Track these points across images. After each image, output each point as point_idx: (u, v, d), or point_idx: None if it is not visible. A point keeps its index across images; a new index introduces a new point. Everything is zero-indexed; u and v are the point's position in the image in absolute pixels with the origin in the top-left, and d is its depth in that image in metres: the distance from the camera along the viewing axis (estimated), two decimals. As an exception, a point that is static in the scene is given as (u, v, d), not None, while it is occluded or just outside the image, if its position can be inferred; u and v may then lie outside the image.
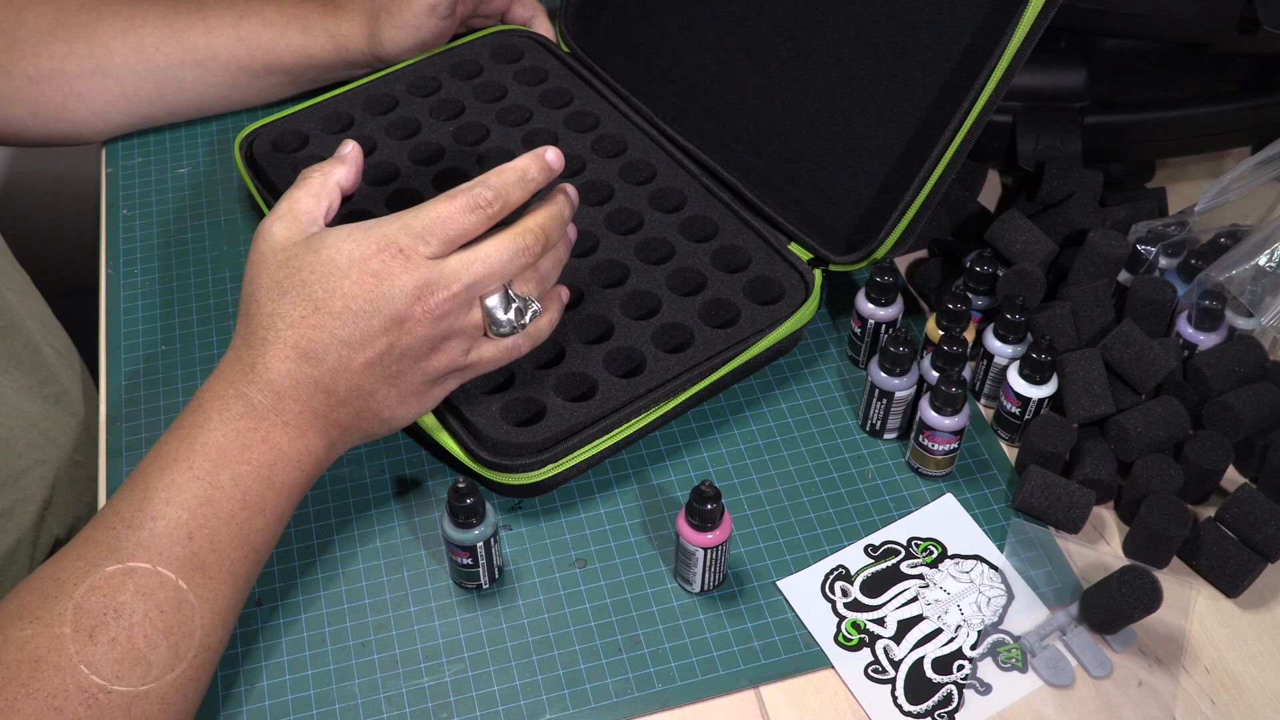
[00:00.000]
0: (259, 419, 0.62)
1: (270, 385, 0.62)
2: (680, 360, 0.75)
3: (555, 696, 0.66)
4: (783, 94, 0.86)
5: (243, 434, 0.61)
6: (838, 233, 0.82)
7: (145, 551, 0.58)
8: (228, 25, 0.89)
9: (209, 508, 0.59)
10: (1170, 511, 0.69)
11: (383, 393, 0.65)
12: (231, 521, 0.60)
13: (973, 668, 0.67)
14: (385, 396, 0.65)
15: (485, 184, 0.65)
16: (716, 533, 0.66)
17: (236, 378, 0.63)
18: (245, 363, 0.63)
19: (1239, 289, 0.76)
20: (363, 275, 0.63)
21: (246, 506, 0.60)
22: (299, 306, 0.63)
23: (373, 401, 0.65)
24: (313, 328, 0.62)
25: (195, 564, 0.58)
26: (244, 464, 0.61)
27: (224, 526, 0.60)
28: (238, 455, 0.61)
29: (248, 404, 0.62)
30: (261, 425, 0.62)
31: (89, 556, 0.58)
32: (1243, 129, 0.89)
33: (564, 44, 0.97)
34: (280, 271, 0.64)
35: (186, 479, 0.60)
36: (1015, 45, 0.71)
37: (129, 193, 0.92)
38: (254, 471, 0.61)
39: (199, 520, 0.59)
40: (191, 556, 0.58)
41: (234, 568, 0.60)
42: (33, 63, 0.88)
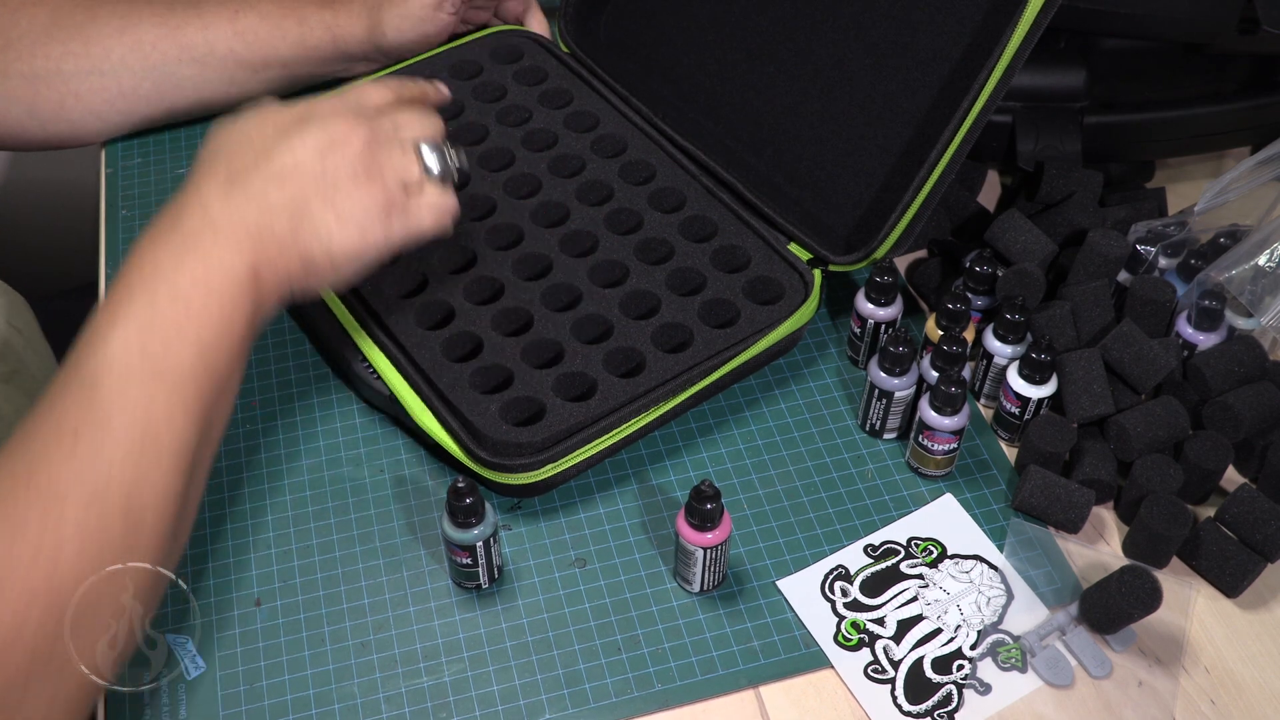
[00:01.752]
0: (189, 236, 0.64)
1: (202, 207, 0.65)
2: (680, 360, 0.75)
3: (555, 696, 0.66)
4: (782, 94, 0.86)
5: (174, 253, 0.63)
6: (837, 233, 0.82)
7: (106, 372, 0.59)
8: (224, 20, 0.89)
9: (154, 322, 0.61)
10: (1170, 511, 0.69)
11: (318, 209, 0.66)
12: (180, 331, 0.61)
13: (972, 668, 0.67)
14: (322, 215, 0.66)
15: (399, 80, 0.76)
16: (716, 533, 0.66)
17: (166, 217, 0.65)
18: (175, 205, 0.65)
19: (1239, 289, 0.76)
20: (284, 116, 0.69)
21: (191, 315, 0.61)
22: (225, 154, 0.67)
23: (309, 219, 0.66)
24: (241, 158, 0.66)
25: (154, 373, 0.60)
26: (180, 275, 0.62)
27: (174, 336, 0.61)
28: (172, 271, 0.62)
29: (179, 229, 0.64)
30: (190, 240, 0.63)
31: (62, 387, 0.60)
32: (1242, 129, 0.89)
33: (563, 44, 0.97)
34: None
35: (129, 298, 0.61)
36: (1015, 45, 0.71)
37: (128, 193, 0.92)
38: (191, 281, 0.62)
39: (147, 334, 0.60)
40: (148, 367, 0.60)
41: (195, 376, 0.61)
42: (29, 63, 0.88)
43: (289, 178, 0.66)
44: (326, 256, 0.67)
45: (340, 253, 0.67)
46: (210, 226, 0.64)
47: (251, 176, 0.66)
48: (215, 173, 0.66)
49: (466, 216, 0.83)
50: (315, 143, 0.67)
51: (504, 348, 0.75)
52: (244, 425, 0.77)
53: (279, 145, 0.67)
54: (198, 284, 0.62)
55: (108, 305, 0.62)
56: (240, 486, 0.75)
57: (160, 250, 0.63)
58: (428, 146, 0.72)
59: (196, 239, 0.63)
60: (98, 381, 0.59)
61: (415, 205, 0.70)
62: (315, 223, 0.66)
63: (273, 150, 0.67)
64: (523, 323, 0.78)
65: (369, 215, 0.68)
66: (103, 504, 0.57)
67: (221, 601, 0.69)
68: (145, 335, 0.60)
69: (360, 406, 0.79)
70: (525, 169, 0.87)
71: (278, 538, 0.72)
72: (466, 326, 0.77)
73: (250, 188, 0.65)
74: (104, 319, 0.61)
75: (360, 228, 0.68)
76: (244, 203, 0.65)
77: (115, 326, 0.61)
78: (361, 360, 0.76)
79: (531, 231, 0.83)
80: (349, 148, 0.68)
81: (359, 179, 0.67)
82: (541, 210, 0.84)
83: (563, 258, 0.81)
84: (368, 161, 0.68)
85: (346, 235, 0.67)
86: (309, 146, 0.67)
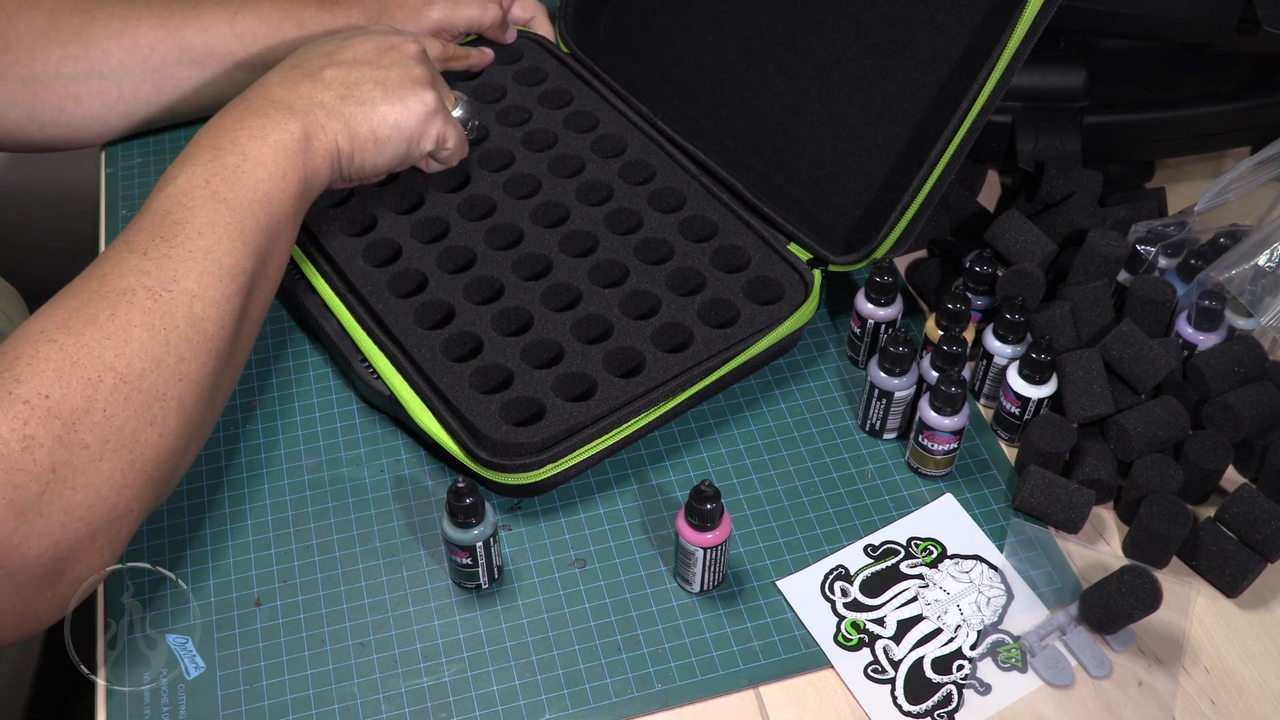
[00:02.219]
0: (250, 104, 0.73)
1: (264, 86, 0.75)
2: (680, 360, 0.75)
3: (555, 696, 0.66)
4: (782, 94, 0.86)
5: (236, 116, 0.72)
6: (837, 233, 0.82)
7: (173, 199, 0.67)
8: (223, 22, 0.89)
9: (216, 162, 0.69)
10: (1170, 511, 0.69)
11: (368, 87, 0.76)
12: (237, 170, 0.69)
13: (972, 668, 0.67)
14: (370, 91, 0.76)
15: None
16: (716, 533, 0.66)
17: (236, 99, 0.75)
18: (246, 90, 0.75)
19: (1239, 289, 0.76)
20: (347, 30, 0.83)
21: (247, 158, 0.69)
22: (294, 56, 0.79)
23: (358, 93, 0.75)
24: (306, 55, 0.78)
25: (217, 201, 0.67)
26: (240, 131, 0.71)
27: (234, 175, 0.69)
28: (233, 128, 0.71)
29: (242, 101, 0.74)
30: (251, 107, 0.73)
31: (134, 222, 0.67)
32: (1242, 129, 0.90)
33: (563, 44, 0.97)
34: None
35: (194, 151, 0.70)
36: (1014, 45, 0.71)
37: (128, 193, 0.92)
38: (248, 134, 0.71)
39: (210, 172, 0.68)
40: (213, 194, 0.67)
41: (253, 211, 0.68)
42: (27, 66, 0.87)
43: (345, 63, 0.77)
44: (369, 128, 0.75)
45: (382, 125, 0.76)
46: (268, 98, 0.73)
47: (312, 63, 0.77)
48: (282, 67, 0.77)
49: (467, 216, 0.83)
50: (374, 44, 0.79)
51: (504, 348, 0.75)
52: (244, 425, 0.77)
53: (341, 44, 0.79)
54: (254, 137, 0.71)
55: (177, 158, 0.70)
56: (240, 486, 0.75)
57: (225, 117, 0.72)
58: (463, 94, 0.85)
59: (256, 105, 0.73)
60: (166, 209, 0.66)
61: (451, 122, 0.80)
62: (363, 96, 0.75)
63: (334, 49, 0.78)
64: (523, 323, 0.78)
65: (412, 102, 0.77)
66: (168, 304, 0.63)
67: (221, 601, 0.69)
68: (209, 173, 0.68)
69: (360, 406, 0.79)
70: (525, 169, 0.87)
71: (278, 538, 0.72)
72: (466, 326, 0.77)
73: (310, 70, 0.76)
74: (173, 166, 0.69)
75: (404, 108, 0.76)
76: (302, 79, 0.75)
77: (182, 168, 0.69)
78: (361, 360, 0.76)
79: (531, 231, 0.83)
80: (403, 53, 0.79)
81: (407, 77, 0.77)
82: (541, 210, 0.84)
83: (563, 258, 0.81)
84: (417, 69, 0.78)
85: (390, 110, 0.76)
86: (368, 45, 0.78)
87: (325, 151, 0.73)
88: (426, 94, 0.77)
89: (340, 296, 0.78)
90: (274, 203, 0.70)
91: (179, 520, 0.73)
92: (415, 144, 0.78)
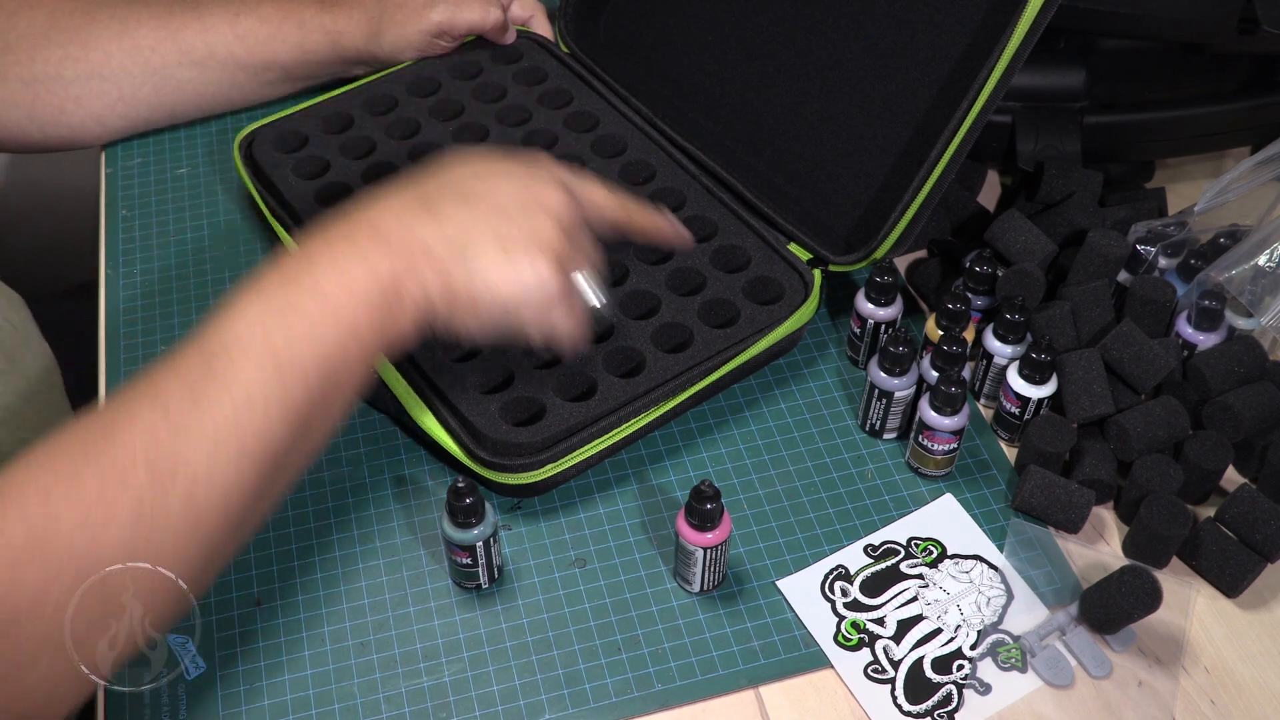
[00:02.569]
0: (354, 229, 0.63)
1: (379, 210, 0.64)
2: (680, 360, 0.75)
3: (555, 696, 0.66)
4: (782, 94, 0.86)
5: (332, 241, 0.62)
6: (837, 233, 0.82)
7: (223, 343, 0.58)
8: (224, 23, 0.89)
9: (287, 304, 0.60)
10: (1170, 511, 0.69)
11: (486, 243, 0.63)
12: (307, 320, 0.59)
13: (972, 668, 0.67)
14: (484, 250, 0.63)
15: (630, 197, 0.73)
16: (716, 533, 0.66)
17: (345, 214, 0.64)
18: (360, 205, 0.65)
19: (1239, 289, 0.76)
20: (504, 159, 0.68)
21: (323, 306, 0.60)
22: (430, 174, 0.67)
23: (471, 248, 0.63)
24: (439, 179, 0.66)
25: (270, 357, 0.58)
26: (326, 265, 0.61)
27: (300, 323, 0.59)
28: (323, 258, 0.61)
29: (348, 221, 0.63)
30: (353, 231, 0.63)
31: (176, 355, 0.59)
32: (1242, 129, 0.90)
33: (563, 44, 0.97)
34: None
35: (272, 280, 0.61)
36: (1014, 45, 0.71)
37: (128, 193, 0.92)
38: (333, 273, 0.60)
39: (277, 316, 0.59)
40: (268, 350, 0.58)
41: (305, 374, 0.59)
42: (28, 67, 0.87)
43: (473, 204, 0.65)
44: (468, 291, 0.63)
45: (485, 291, 0.63)
46: (373, 228, 0.63)
47: (438, 194, 0.65)
48: (409, 186, 0.66)
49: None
50: (518, 187, 0.66)
51: (504, 348, 0.75)
52: (244, 425, 0.77)
53: (482, 176, 0.66)
54: (336, 271, 0.61)
55: (256, 278, 0.61)
56: (240, 486, 0.75)
57: (320, 240, 0.63)
58: (598, 279, 0.69)
59: (357, 236, 0.62)
60: (211, 352, 0.58)
61: (567, 308, 0.66)
62: (475, 252, 0.63)
63: (473, 179, 0.66)
64: (523, 323, 0.77)
65: (524, 270, 0.64)
66: (166, 488, 0.55)
67: (221, 601, 0.69)
68: (273, 318, 0.59)
69: (360, 406, 0.79)
70: (525, 169, 0.87)
71: (278, 538, 0.72)
72: (466, 326, 0.77)
73: (431, 203, 0.64)
74: (244, 294, 0.60)
75: (517, 281, 0.64)
76: (418, 214, 0.64)
77: (251, 302, 0.60)
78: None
79: (531, 231, 0.82)
80: (545, 207, 0.65)
81: (534, 239, 0.64)
82: (541, 210, 0.84)
83: (563, 258, 0.81)
84: (550, 231, 0.65)
85: (500, 277, 0.63)
86: (511, 187, 0.66)
87: (414, 306, 0.62)
88: (545, 267, 0.64)
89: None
90: (336, 363, 0.60)
91: (179, 520, 0.73)
92: (516, 323, 0.65)
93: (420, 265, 0.62)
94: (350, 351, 0.61)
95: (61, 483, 0.54)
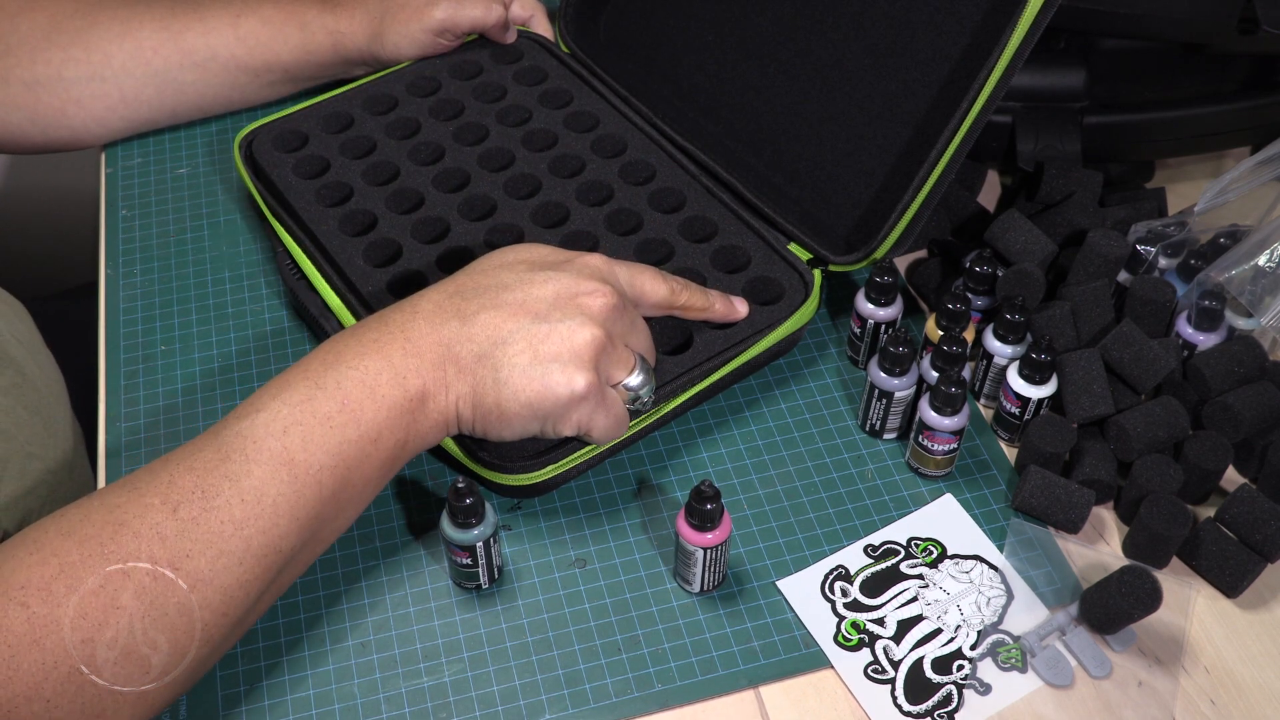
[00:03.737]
0: (384, 333, 0.63)
1: (413, 307, 0.64)
2: (680, 361, 0.75)
3: (555, 696, 0.66)
4: (782, 94, 0.86)
5: (364, 343, 0.62)
6: (837, 233, 0.82)
7: (240, 440, 0.58)
8: (225, 25, 0.89)
9: (308, 405, 0.60)
10: (1170, 511, 0.69)
11: (517, 348, 0.63)
12: (327, 423, 0.59)
13: (972, 668, 0.67)
14: (515, 357, 0.63)
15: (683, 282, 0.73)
16: (716, 533, 0.66)
17: (382, 312, 0.65)
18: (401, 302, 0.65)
19: (1238, 289, 0.76)
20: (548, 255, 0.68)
21: (344, 410, 0.60)
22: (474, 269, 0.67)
23: (500, 355, 0.63)
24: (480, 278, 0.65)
25: (285, 459, 0.58)
26: (352, 368, 0.61)
27: (318, 426, 0.59)
28: (351, 361, 0.61)
29: (383, 321, 0.64)
30: (384, 337, 0.63)
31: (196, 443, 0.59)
32: (1242, 129, 0.89)
33: (563, 44, 0.97)
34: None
35: (298, 378, 0.61)
36: (1014, 45, 0.71)
37: (128, 193, 0.92)
38: (359, 377, 0.61)
39: (296, 416, 0.59)
40: (283, 451, 0.58)
41: (320, 475, 0.59)
42: (29, 69, 0.87)
43: (509, 307, 0.64)
44: (496, 401, 0.63)
45: (512, 402, 0.63)
46: (405, 337, 0.62)
47: (475, 297, 0.64)
48: (449, 285, 0.66)
49: (467, 216, 0.83)
50: (557, 289, 0.65)
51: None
52: (244, 425, 0.77)
53: (523, 276, 0.65)
54: (363, 384, 0.61)
55: (280, 376, 0.61)
56: (240, 487, 0.75)
57: (352, 340, 0.63)
58: (643, 367, 0.68)
59: (388, 340, 0.62)
60: (228, 452, 0.58)
61: (603, 407, 0.66)
62: (503, 361, 0.63)
63: (513, 280, 0.65)
64: (523, 323, 0.77)
65: (557, 379, 0.63)
66: (167, 586, 0.55)
67: (221, 602, 0.69)
68: (293, 419, 0.59)
69: (360, 407, 0.79)
70: (525, 169, 0.87)
71: (278, 538, 0.72)
72: (466, 327, 0.77)
73: (466, 307, 0.64)
74: (269, 389, 0.61)
75: (542, 387, 0.63)
76: (450, 319, 0.63)
77: (273, 400, 0.60)
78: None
79: (532, 232, 0.83)
80: (586, 308, 0.64)
81: (567, 345, 0.63)
82: (542, 210, 0.84)
83: (563, 258, 0.81)
84: (586, 334, 0.64)
85: (529, 387, 0.63)
86: (550, 288, 0.64)
87: (440, 415, 0.63)
88: (578, 375, 0.63)
89: (340, 296, 0.78)
90: (352, 468, 0.60)
91: (179, 520, 0.73)
92: (551, 425, 0.65)
93: (449, 377, 0.62)
94: (370, 458, 0.61)
95: (65, 575, 0.54)
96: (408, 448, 0.63)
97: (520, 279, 0.65)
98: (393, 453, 0.62)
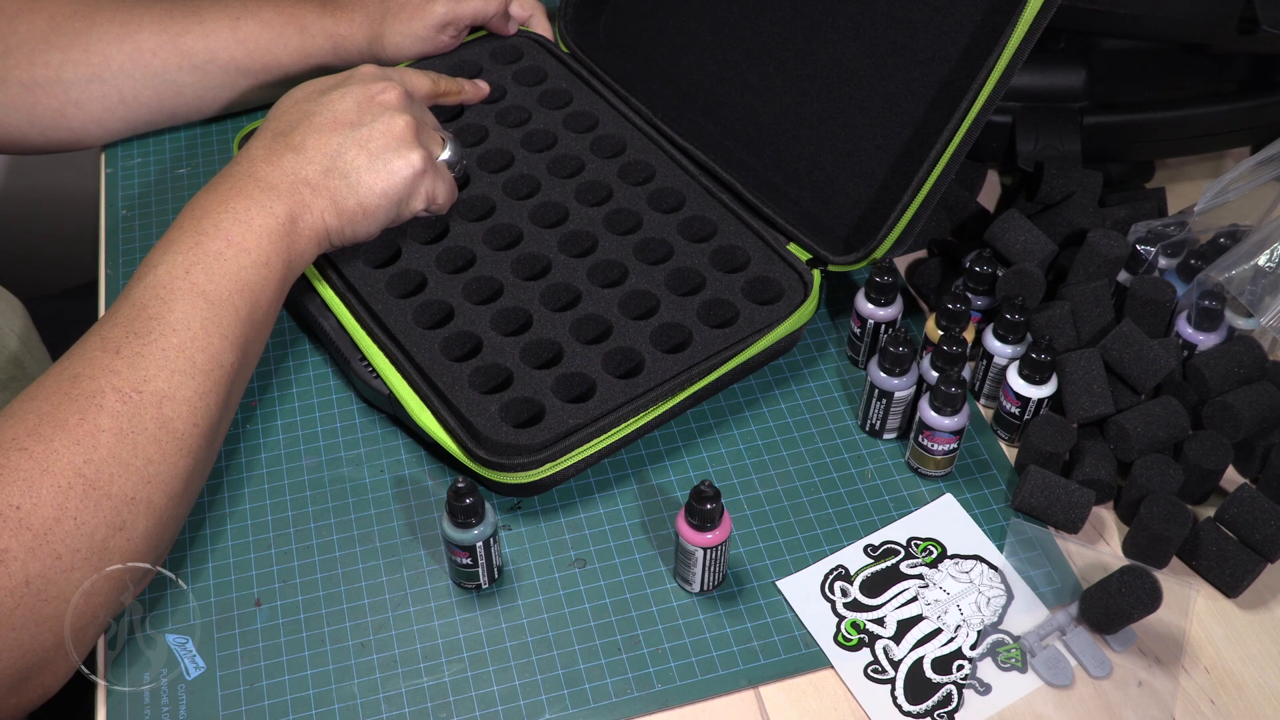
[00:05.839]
0: (236, 183, 0.71)
1: (249, 161, 0.73)
2: (679, 360, 0.75)
3: (555, 696, 0.66)
4: (781, 94, 0.86)
5: (221, 197, 0.70)
6: (836, 233, 0.82)
7: (151, 291, 0.65)
8: (225, 28, 0.89)
9: (198, 249, 0.67)
10: (1170, 511, 0.69)
11: (352, 154, 0.73)
12: (219, 257, 0.67)
13: (972, 668, 0.67)
14: (354, 160, 0.73)
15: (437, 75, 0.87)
16: (716, 533, 0.66)
17: (220, 174, 0.73)
18: (229, 164, 0.74)
19: (1238, 289, 0.76)
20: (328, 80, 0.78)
21: (231, 245, 0.68)
22: (275, 117, 0.76)
23: (341, 164, 0.73)
24: (287, 118, 0.75)
25: (197, 293, 0.66)
26: (224, 213, 0.69)
27: (215, 264, 0.67)
28: (218, 208, 0.69)
29: (228, 179, 0.72)
30: (237, 185, 0.71)
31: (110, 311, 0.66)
32: (1242, 129, 0.89)
33: (563, 44, 0.97)
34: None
35: (176, 235, 0.69)
36: (1014, 45, 0.71)
37: (128, 193, 0.92)
38: (232, 217, 0.69)
39: (191, 258, 0.67)
40: (192, 286, 0.66)
41: (233, 302, 0.67)
42: (28, 70, 0.87)
43: (326, 127, 0.74)
44: (356, 201, 0.73)
45: (371, 196, 0.73)
46: (252, 176, 0.71)
47: (293, 132, 0.74)
48: (264, 134, 0.75)
49: (466, 216, 0.83)
50: (354, 98, 0.75)
51: (503, 347, 0.75)
52: (244, 425, 0.77)
53: (320, 102, 0.75)
54: (239, 221, 0.69)
55: (160, 242, 0.68)
56: (240, 486, 0.75)
57: (209, 197, 0.70)
58: (451, 140, 0.80)
59: (242, 186, 0.71)
60: (144, 302, 0.65)
61: (440, 177, 0.78)
62: (346, 166, 0.73)
63: (314, 108, 0.75)
64: (522, 323, 0.78)
65: (398, 165, 0.74)
66: (137, 406, 0.62)
67: (221, 601, 0.69)
68: (189, 263, 0.67)
69: (360, 406, 0.79)
70: (525, 169, 0.87)
71: (278, 538, 0.72)
72: (466, 326, 0.77)
73: (291, 140, 0.73)
74: (155, 252, 0.68)
75: (389, 174, 0.74)
76: (284, 154, 0.72)
77: (164, 256, 0.67)
78: (361, 360, 0.76)
79: (531, 232, 0.83)
80: (385, 103, 0.76)
81: (391, 135, 0.74)
82: (541, 210, 0.84)
83: (562, 258, 0.81)
84: (400, 121, 0.75)
85: (376, 178, 0.73)
86: (347, 101, 0.75)
87: (312, 231, 0.72)
88: (412, 154, 0.75)
89: (340, 296, 0.78)
90: (256, 291, 0.68)
91: (179, 520, 0.73)
92: (405, 206, 0.76)
93: (307, 197, 0.72)
94: (267, 281, 0.69)
95: (46, 421, 0.60)
96: (292, 267, 0.71)
97: (321, 104, 0.75)
98: (282, 273, 0.70)
